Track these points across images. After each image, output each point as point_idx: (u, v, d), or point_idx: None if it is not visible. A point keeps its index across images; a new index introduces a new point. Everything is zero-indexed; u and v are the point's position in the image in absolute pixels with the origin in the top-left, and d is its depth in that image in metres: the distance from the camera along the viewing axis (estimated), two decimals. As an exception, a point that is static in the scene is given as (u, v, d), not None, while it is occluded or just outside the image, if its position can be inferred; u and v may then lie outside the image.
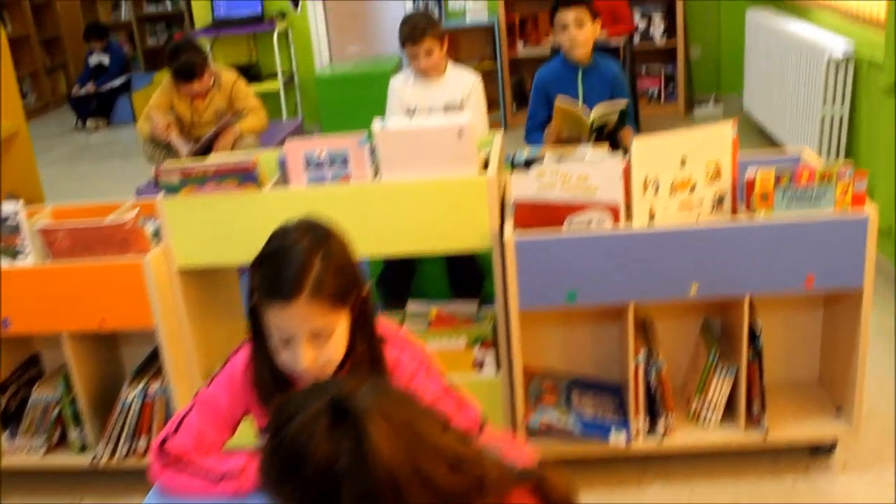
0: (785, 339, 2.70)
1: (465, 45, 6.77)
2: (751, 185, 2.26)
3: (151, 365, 2.75)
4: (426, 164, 2.32)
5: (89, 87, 8.35)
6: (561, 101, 3.15)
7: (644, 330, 2.59)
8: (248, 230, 2.47)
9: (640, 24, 6.46)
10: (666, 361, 2.45)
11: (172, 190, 2.47)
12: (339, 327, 1.49)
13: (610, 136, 3.22)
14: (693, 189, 2.28)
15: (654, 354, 2.44)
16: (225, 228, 2.49)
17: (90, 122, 8.35)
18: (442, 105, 3.68)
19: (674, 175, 2.26)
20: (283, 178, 2.45)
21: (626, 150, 3.40)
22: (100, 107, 8.40)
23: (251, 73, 6.74)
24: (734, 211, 2.35)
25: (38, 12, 9.70)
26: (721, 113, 6.60)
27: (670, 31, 6.48)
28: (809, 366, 2.74)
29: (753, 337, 2.42)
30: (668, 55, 6.55)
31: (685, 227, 2.27)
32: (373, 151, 2.38)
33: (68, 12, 10.01)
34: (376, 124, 2.30)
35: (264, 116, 4.37)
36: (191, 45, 4.16)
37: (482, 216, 2.36)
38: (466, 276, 3.44)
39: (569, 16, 3.49)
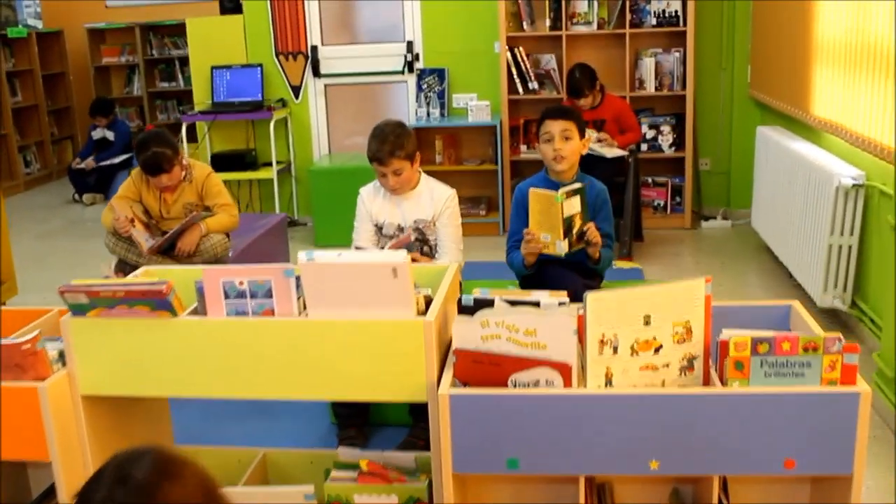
0: (766, 514, 2.37)
1: (467, 144, 6.58)
2: (724, 349, 1.98)
3: (52, 496, 2.46)
4: (357, 302, 2.06)
5: (89, 162, 8.23)
6: (534, 188, 3.10)
7: (601, 497, 2.28)
8: (160, 360, 2.22)
9: (649, 133, 6.25)
10: (622, 542, 2.13)
11: (80, 310, 2.21)
12: None
13: (580, 238, 3.13)
14: (658, 350, 2.00)
15: (609, 533, 2.13)
16: (136, 357, 2.23)
17: (87, 197, 8.21)
18: (412, 222, 3.43)
19: (636, 334, 1.97)
20: (202, 307, 2.19)
21: (597, 252, 3.20)
22: (98, 182, 8.26)
23: (247, 160, 6.58)
24: (706, 376, 2.06)
25: (50, 82, 9.68)
26: (730, 227, 6.35)
27: (679, 142, 6.26)
28: (794, 546, 2.40)
29: (726, 517, 2.10)
30: (677, 166, 6.32)
31: (646, 394, 1.97)
32: (300, 284, 2.12)
33: (81, 84, 9.99)
34: (302, 256, 2.05)
35: (235, 214, 4.15)
36: (160, 137, 3.96)
37: (417, 364, 2.08)
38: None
39: (555, 127, 3.30)
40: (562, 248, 3.05)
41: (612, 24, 6.16)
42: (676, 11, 6.05)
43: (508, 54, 6.21)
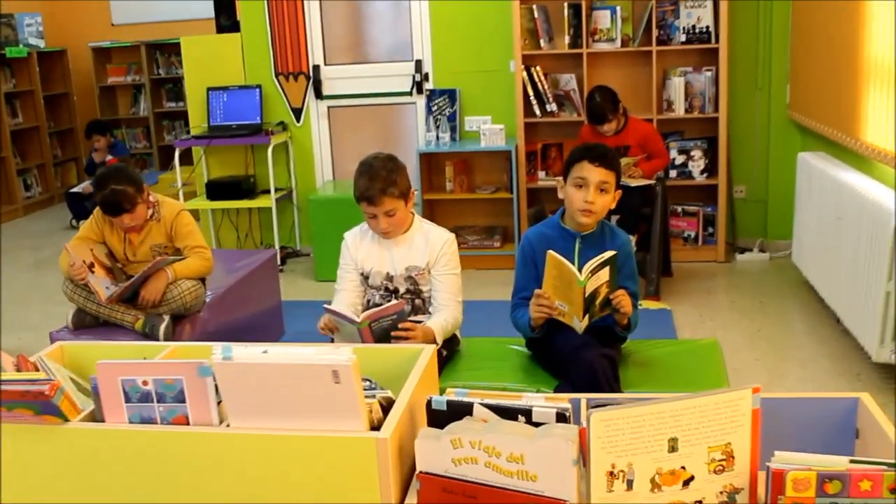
0: None
1: (480, 170, 6.09)
2: (779, 482, 1.47)
3: None
4: (289, 411, 1.57)
5: (86, 186, 7.84)
6: (554, 253, 2.55)
7: None
8: (49, 474, 1.74)
9: (678, 158, 5.73)
10: None
11: (-49, 410, 1.75)
12: None
13: (604, 306, 2.63)
14: (688, 483, 1.49)
15: None
16: (20, 469, 1.76)
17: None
18: (403, 269, 2.96)
19: (658, 464, 1.47)
20: (98, 412, 1.72)
21: (625, 320, 2.72)
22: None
23: (244, 187, 6.13)
24: (752, 514, 1.56)
25: (52, 102, 9.34)
26: (767, 260, 5.80)
27: (711, 168, 5.73)
28: None
29: None
30: (709, 193, 5.79)
31: (673, 543, 1.47)
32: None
33: (85, 104, 9.64)
34: (216, 352, 1.56)
35: (208, 258, 3.68)
36: (121, 172, 3.51)
37: (370, 491, 1.58)
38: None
39: (594, 175, 2.73)
40: (579, 325, 2.55)
41: (638, 41, 5.64)
42: (708, 27, 5.53)
43: (524, 74, 5.72)
